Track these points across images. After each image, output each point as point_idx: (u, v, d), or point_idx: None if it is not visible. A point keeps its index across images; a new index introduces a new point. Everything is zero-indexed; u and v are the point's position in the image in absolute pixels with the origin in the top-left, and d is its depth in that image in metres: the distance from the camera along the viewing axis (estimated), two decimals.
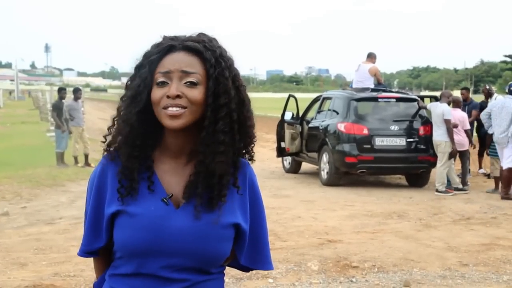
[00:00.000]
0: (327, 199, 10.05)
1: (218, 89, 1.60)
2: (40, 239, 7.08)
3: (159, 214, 1.60)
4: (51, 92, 32.58)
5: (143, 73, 1.61)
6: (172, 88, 1.57)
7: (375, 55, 13.03)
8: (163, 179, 1.65)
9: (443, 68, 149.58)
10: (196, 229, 1.60)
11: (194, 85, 1.59)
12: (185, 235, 1.59)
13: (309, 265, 6.07)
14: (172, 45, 1.62)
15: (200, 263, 1.63)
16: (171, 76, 1.58)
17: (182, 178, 1.65)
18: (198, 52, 1.61)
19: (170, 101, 1.56)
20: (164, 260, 1.60)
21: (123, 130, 1.62)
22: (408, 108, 11.65)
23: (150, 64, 1.61)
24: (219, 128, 1.60)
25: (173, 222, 1.60)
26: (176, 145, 1.65)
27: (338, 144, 11.25)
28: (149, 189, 1.63)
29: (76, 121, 14.09)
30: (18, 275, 5.72)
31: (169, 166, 1.66)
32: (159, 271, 1.61)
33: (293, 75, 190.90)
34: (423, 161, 11.22)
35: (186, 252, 1.60)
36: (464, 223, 8.24)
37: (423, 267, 6.08)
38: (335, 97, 12.28)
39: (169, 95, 1.56)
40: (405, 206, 9.48)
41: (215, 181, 1.62)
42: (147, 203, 1.61)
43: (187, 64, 1.60)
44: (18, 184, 10.98)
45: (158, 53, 1.62)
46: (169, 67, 1.59)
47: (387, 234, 7.49)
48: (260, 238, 1.78)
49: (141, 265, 1.61)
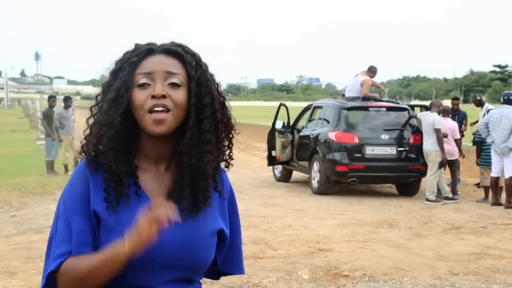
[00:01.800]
0: (318, 208, 10.06)
1: (201, 90, 1.59)
2: (30, 247, 7.04)
3: None
4: (41, 100, 32.47)
5: (123, 75, 1.57)
6: (157, 88, 1.54)
7: (375, 69, 13.02)
8: (146, 187, 1.60)
9: (433, 77, 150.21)
10: (184, 237, 1.58)
11: (178, 86, 1.57)
12: (174, 245, 1.56)
13: (300, 274, 6.07)
14: (151, 49, 1.61)
15: (189, 272, 1.61)
16: (154, 77, 1.56)
17: (164, 184, 1.62)
18: (178, 55, 1.61)
19: (155, 101, 1.53)
20: (155, 272, 1.57)
21: (107, 134, 1.56)
22: (398, 117, 11.71)
23: (129, 66, 1.58)
24: (204, 127, 1.58)
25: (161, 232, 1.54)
26: (154, 151, 1.61)
27: (329, 152, 11.28)
28: (136, 194, 1.58)
29: (66, 129, 14.06)
30: (8, 284, 5.69)
31: (150, 173, 1.62)
32: (150, 283, 1.57)
33: (284, 84, 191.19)
34: (413, 170, 11.26)
35: (176, 262, 1.57)
36: (454, 232, 8.27)
37: (413, 276, 6.09)
38: (326, 106, 12.32)
39: (154, 95, 1.53)
40: (396, 215, 9.51)
41: (200, 183, 1.60)
42: (133, 212, 1.52)
43: (170, 65, 1.58)
44: (7, 193, 10.92)
45: (137, 56, 1.60)
46: (151, 68, 1.57)
47: (377, 243, 7.50)
48: (236, 242, 1.79)
49: (132, 278, 1.56)
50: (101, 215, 1.56)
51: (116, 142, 1.56)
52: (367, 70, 12.99)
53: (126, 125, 1.57)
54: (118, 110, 1.56)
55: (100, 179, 1.58)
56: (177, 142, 1.61)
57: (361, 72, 12.94)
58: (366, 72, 12.95)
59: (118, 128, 1.56)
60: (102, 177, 1.58)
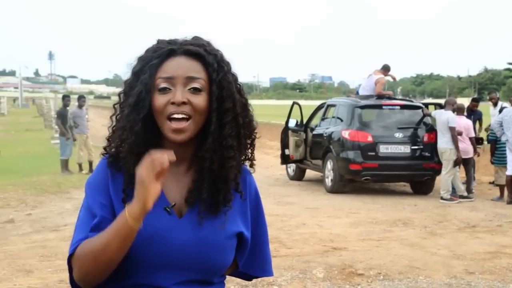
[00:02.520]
0: (332, 207, 10.04)
1: (222, 93, 1.56)
2: (46, 246, 7.09)
3: (162, 225, 1.55)
4: (55, 99, 32.70)
5: (144, 79, 1.54)
6: (177, 94, 1.52)
7: (389, 68, 13.00)
8: (165, 188, 1.57)
9: (446, 75, 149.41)
10: (200, 240, 1.56)
11: (199, 91, 1.54)
12: (189, 247, 1.55)
13: (315, 273, 6.06)
14: (172, 49, 1.57)
15: (204, 274, 1.58)
16: (175, 82, 1.53)
17: (184, 186, 1.61)
18: (199, 56, 1.57)
19: (175, 108, 1.51)
20: (168, 272, 1.55)
21: (128, 139, 1.55)
22: (412, 116, 11.65)
23: (150, 69, 1.55)
24: (226, 133, 1.56)
25: (176, 234, 1.55)
26: (176, 153, 1.55)
27: (343, 151, 11.25)
28: None
29: (80, 128, 14.13)
30: (24, 282, 5.73)
31: (170, 174, 1.57)
32: (163, 283, 1.56)
33: (296, 82, 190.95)
34: (427, 169, 11.21)
35: (190, 264, 1.56)
36: (470, 231, 8.22)
37: (428, 275, 6.06)
38: (340, 104, 12.29)
39: (174, 102, 1.51)
40: (410, 213, 9.47)
41: (221, 186, 1.59)
42: (151, 213, 1.48)
43: (191, 69, 1.55)
44: (23, 191, 11.00)
45: (158, 58, 1.56)
46: (172, 73, 1.54)
47: (392, 241, 7.48)
48: (260, 244, 1.76)
49: (144, 277, 1.55)
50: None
51: (137, 147, 1.55)
52: (380, 69, 12.97)
53: (148, 128, 1.56)
54: (139, 115, 1.54)
55: (121, 180, 1.58)
56: (198, 146, 1.59)
57: (375, 71, 12.91)
58: (380, 70, 12.92)
59: (139, 133, 1.55)
60: (122, 178, 1.58)
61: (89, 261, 1.48)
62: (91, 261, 1.47)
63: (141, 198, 1.41)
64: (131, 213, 1.42)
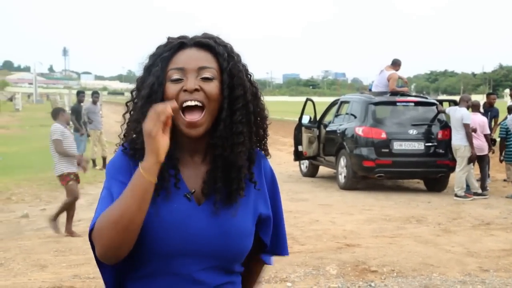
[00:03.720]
0: (345, 203, 10.01)
1: (233, 81, 1.59)
2: (60, 241, 7.13)
3: (182, 212, 1.58)
4: (69, 95, 32.88)
5: (156, 71, 1.58)
6: (189, 81, 1.55)
7: (399, 62, 12.91)
8: (184, 176, 1.62)
9: (461, 72, 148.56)
10: (217, 227, 1.58)
11: (210, 80, 1.57)
12: (207, 234, 1.57)
13: (328, 269, 6.05)
14: (183, 42, 1.62)
15: (223, 261, 1.61)
16: (186, 72, 1.57)
17: (200, 176, 1.63)
18: (210, 47, 1.61)
19: (188, 96, 1.54)
20: (188, 259, 1.57)
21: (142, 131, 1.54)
22: (426, 112, 11.58)
23: (162, 62, 1.59)
24: (236, 119, 1.59)
25: (195, 220, 1.58)
26: (190, 144, 1.63)
27: (356, 148, 11.21)
28: (176, 186, 1.59)
29: (94, 124, 14.19)
30: (39, 277, 5.77)
31: (187, 163, 1.64)
32: (184, 270, 1.58)
33: (310, 79, 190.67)
34: (441, 166, 11.14)
35: (209, 251, 1.58)
36: (484, 228, 8.16)
37: (442, 272, 6.03)
38: (353, 101, 12.25)
39: (186, 89, 1.54)
40: (424, 210, 9.42)
41: (234, 174, 1.61)
42: (171, 201, 1.57)
43: (202, 59, 1.59)
44: (37, 187, 11.07)
45: (169, 51, 1.60)
46: (183, 63, 1.58)
47: (406, 238, 7.44)
48: (279, 224, 1.79)
49: (163, 264, 1.57)
50: None
51: None
52: (391, 64, 12.88)
53: None
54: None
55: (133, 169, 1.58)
56: (211, 134, 1.61)
57: (386, 67, 12.83)
58: (390, 66, 12.84)
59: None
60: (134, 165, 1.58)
61: (110, 229, 1.44)
62: (111, 229, 1.44)
63: (152, 150, 1.45)
64: (145, 167, 1.46)
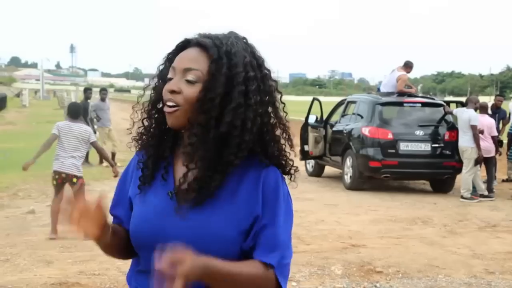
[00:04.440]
0: (351, 203, 10.00)
1: (210, 85, 1.54)
2: (66, 237, 7.14)
3: (162, 208, 1.60)
4: (76, 92, 32.96)
5: (162, 70, 1.66)
6: (170, 83, 1.56)
7: (411, 64, 12.86)
8: (177, 175, 1.62)
9: (468, 73, 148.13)
10: (191, 229, 1.54)
11: (192, 83, 1.55)
12: (183, 234, 1.53)
13: (333, 269, 6.05)
14: (187, 41, 1.63)
15: None
16: (176, 72, 1.59)
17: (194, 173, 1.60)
18: (205, 48, 1.58)
19: (168, 96, 1.57)
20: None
21: (150, 127, 1.68)
22: (433, 113, 11.55)
23: (167, 61, 1.65)
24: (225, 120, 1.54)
25: (172, 219, 1.57)
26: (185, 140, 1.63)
27: (362, 148, 11.20)
28: (163, 177, 1.63)
29: (102, 121, 14.14)
30: (44, 272, 5.79)
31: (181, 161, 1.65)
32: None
33: (316, 79, 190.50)
34: (448, 167, 11.12)
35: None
36: (490, 230, 8.14)
37: (448, 274, 6.02)
38: (360, 101, 12.23)
39: (167, 89, 1.57)
40: (430, 212, 9.40)
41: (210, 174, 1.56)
42: (155, 195, 1.63)
43: (191, 60, 1.57)
44: (44, 183, 11.08)
45: (175, 49, 1.64)
46: (175, 63, 1.60)
47: (411, 239, 7.43)
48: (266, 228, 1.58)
49: (149, 263, 1.54)
50: (132, 195, 1.70)
51: (151, 129, 1.68)
52: (403, 66, 12.85)
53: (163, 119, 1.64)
54: (155, 102, 1.67)
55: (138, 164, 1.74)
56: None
57: (398, 68, 12.79)
58: (402, 67, 12.80)
59: (158, 120, 1.66)
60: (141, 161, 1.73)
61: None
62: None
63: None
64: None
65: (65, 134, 7.42)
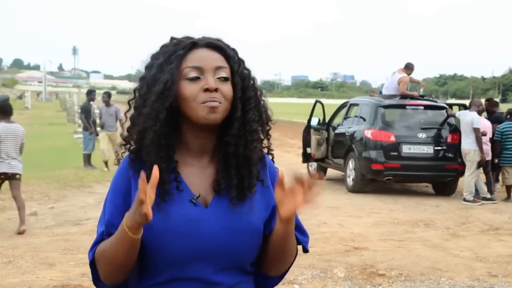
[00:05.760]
0: (353, 206, 9.99)
1: (244, 83, 1.63)
2: (68, 239, 7.15)
3: (190, 217, 1.57)
4: (78, 94, 32.98)
5: (171, 69, 1.58)
6: (210, 81, 1.57)
7: (412, 66, 12.86)
8: (189, 181, 1.62)
9: (470, 76, 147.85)
10: (228, 227, 1.59)
11: (226, 80, 1.61)
12: (219, 236, 1.57)
13: (335, 272, 6.04)
14: (195, 42, 1.63)
15: (237, 261, 1.62)
16: (204, 71, 1.58)
17: (207, 177, 1.64)
18: (221, 49, 1.63)
19: (208, 95, 1.56)
20: (203, 263, 1.57)
21: (153, 127, 1.57)
22: (436, 116, 11.54)
23: (176, 60, 1.60)
24: (250, 118, 1.62)
25: (205, 224, 1.57)
26: (198, 144, 1.63)
27: (365, 150, 11.19)
28: (178, 189, 1.59)
29: (105, 126, 13.84)
30: (47, 274, 5.79)
31: (193, 167, 1.64)
32: (200, 274, 1.58)
33: (318, 81, 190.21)
34: (450, 170, 11.10)
35: (222, 252, 1.58)
36: (493, 233, 8.13)
37: (451, 277, 6.00)
38: (363, 103, 12.22)
39: (208, 88, 1.56)
40: (432, 214, 9.39)
41: (245, 172, 1.63)
42: (177, 206, 1.57)
43: (216, 60, 1.61)
44: (46, 185, 11.11)
45: (183, 49, 1.61)
46: (200, 62, 1.59)
47: (414, 242, 7.42)
48: None
49: (179, 271, 1.57)
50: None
51: (158, 137, 1.58)
52: (404, 68, 12.84)
53: (169, 119, 1.59)
54: (165, 103, 1.58)
55: None
56: (223, 133, 1.63)
57: (398, 70, 12.79)
58: (403, 69, 12.79)
59: (163, 122, 1.58)
60: None
61: (106, 266, 1.58)
62: (107, 266, 1.58)
63: (139, 215, 1.43)
64: (129, 226, 1.47)
65: (6, 136, 7.47)
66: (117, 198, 1.62)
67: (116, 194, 1.63)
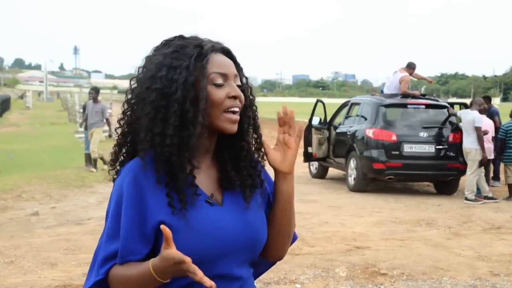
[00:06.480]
0: (355, 205, 9.99)
1: (248, 91, 1.70)
2: (70, 239, 7.15)
3: (211, 217, 1.60)
4: (79, 93, 32.97)
5: (202, 73, 1.56)
6: (236, 89, 1.61)
7: (414, 65, 12.85)
8: (198, 182, 1.62)
9: (471, 75, 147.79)
10: (244, 221, 1.65)
11: (240, 88, 1.65)
12: (239, 230, 1.62)
13: (337, 271, 6.03)
14: (213, 46, 1.62)
15: (252, 253, 1.68)
16: (228, 78, 1.61)
17: (211, 176, 1.68)
18: (231, 56, 1.67)
19: (233, 102, 1.60)
20: (226, 258, 1.61)
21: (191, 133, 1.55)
22: (437, 115, 11.53)
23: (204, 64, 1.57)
24: (255, 122, 1.72)
25: (225, 221, 1.62)
26: (205, 146, 1.65)
27: (366, 150, 11.18)
28: (196, 193, 1.59)
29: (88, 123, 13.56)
30: (49, 274, 5.79)
31: (198, 168, 1.64)
32: (224, 270, 1.61)
33: (319, 80, 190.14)
34: (452, 169, 11.09)
35: (242, 246, 1.63)
36: (495, 232, 8.12)
37: (453, 276, 6.00)
38: (364, 102, 12.22)
39: (235, 95, 1.60)
40: (434, 213, 9.38)
41: (253, 171, 1.71)
42: (197, 209, 1.57)
43: (232, 66, 1.65)
44: (47, 185, 11.12)
45: (205, 53, 1.58)
46: (224, 69, 1.61)
47: (415, 241, 7.41)
48: None
49: (205, 270, 1.49)
50: (169, 223, 1.52)
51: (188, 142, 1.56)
52: (405, 67, 12.83)
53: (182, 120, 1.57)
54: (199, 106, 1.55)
55: (155, 185, 1.56)
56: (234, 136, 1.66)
57: (400, 69, 12.78)
58: (404, 68, 12.79)
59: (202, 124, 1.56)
60: (154, 182, 1.55)
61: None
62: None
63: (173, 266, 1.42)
64: (157, 270, 1.46)
65: None
66: (132, 209, 1.54)
67: (130, 204, 1.54)
